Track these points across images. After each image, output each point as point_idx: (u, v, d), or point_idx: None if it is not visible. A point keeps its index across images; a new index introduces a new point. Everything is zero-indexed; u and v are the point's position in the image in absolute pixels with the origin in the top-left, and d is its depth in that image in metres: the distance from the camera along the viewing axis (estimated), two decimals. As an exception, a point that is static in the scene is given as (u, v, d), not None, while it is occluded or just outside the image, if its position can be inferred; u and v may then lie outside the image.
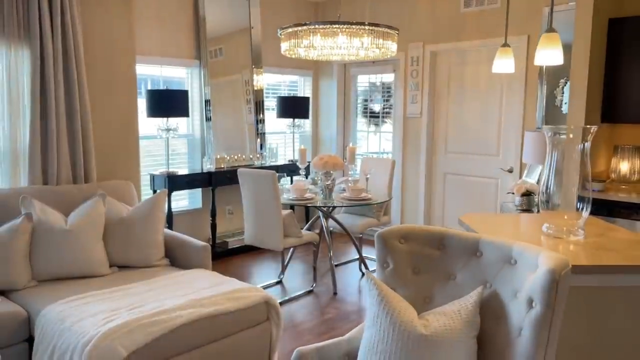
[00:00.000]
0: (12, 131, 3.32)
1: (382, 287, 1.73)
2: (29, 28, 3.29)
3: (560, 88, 4.07)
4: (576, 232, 2.29)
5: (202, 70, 4.96)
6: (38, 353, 2.39)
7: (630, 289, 1.90)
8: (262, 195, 3.80)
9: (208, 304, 2.58)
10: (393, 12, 5.29)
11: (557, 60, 2.17)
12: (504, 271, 1.73)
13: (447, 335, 1.60)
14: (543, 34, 2.16)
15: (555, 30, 2.14)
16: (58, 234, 2.95)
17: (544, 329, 1.52)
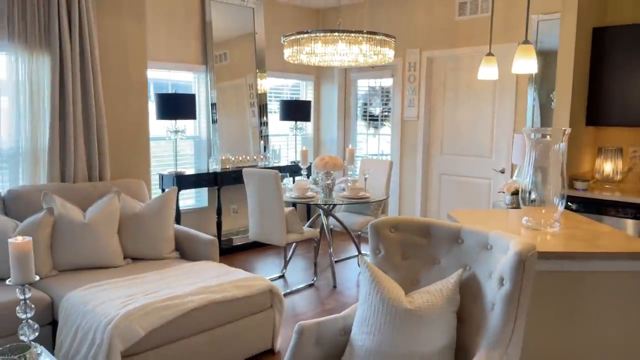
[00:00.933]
0: (32, 132, 3.56)
1: (373, 269, 1.96)
2: (49, 36, 3.53)
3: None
4: (553, 224, 2.51)
5: (209, 75, 5.20)
6: (62, 333, 2.62)
7: (593, 274, 2.11)
8: (266, 194, 4.03)
9: (217, 290, 2.80)
10: (392, 20, 5.53)
11: (532, 69, 2.40)
12: (481, 255, 1.95)
13: (429, 310, 1.82)
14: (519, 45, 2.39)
15: (530, 42, 2.36)
16: (77, 228, 3.18)
17: (513, 304, 1.74)
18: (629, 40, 3.74)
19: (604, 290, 2.12)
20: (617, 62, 3.80)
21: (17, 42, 3.40)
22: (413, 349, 1.78)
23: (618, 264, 2.08)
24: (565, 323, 2.14)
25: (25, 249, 1.77)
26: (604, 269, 2.09)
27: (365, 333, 1.87)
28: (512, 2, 4.58)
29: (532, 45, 2.38)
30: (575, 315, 2.14)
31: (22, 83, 3.48)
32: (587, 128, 4.02)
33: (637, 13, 3.92)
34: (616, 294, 2.12)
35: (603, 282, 2.11)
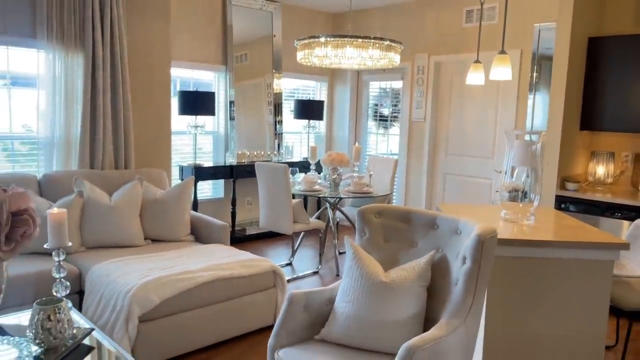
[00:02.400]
0: (66, 124, 3.94)
1: (356, 248, 2.25)
2: (83, 37, 3.90)
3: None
4: (528, 217, 2.77)
5: (228, 74, 5.54)
6: (88, 300, 2.98)
7: (554, 260, 2.36)
8: (276, 186, 4.34)
9: (225, 268, 3.13)
10: (401, 25, 5.79)
11: (506, 77, 2.65)
12: (452, 239, 2.23)
13: (402, 283, 2.11)
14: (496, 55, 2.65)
15: (505, 53, 2.62)
16: (103, 209, 3.55)
17: (472, 279, 2.01)
18: (623, 50, 3.94)
19: (562, 274, 2.37)
20: (611, 71, 4.01)
21: (55, 42, 3.78)
22: (386, 316, 2.07)
23: (573, 252, 2.33)
24: (530, 303, 2.40)
25: (61, 218, 2.11)
26: (562, 256, 2.34)
27: (346, 302, 2.16)
28: (514, 11, 4.80)
29: (507, 55, 2.64)
30: (538, 296, 2.40)
31: (58, 79, 3.86)
32: (581, 132, 4.22)
33: (631, 24, 4.11)
34: (572, 279, 2.37)
35: (562, 268, 2.37)
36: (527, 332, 2.42)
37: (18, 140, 3.98)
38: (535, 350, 2.43)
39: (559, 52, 3.92)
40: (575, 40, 3.93)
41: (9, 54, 3.80)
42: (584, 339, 2.41)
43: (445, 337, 1.88)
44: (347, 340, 2.12)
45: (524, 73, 4.76)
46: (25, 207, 1.82)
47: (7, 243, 1.77)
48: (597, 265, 2.36)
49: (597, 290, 2.38)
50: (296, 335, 2.20)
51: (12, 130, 3.94)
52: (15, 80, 3.89)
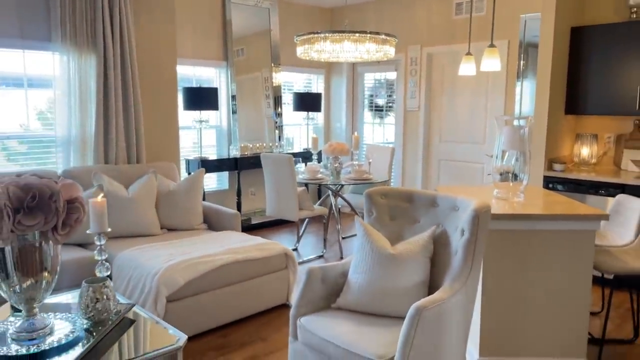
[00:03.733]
0: (81, 121, 4.15)
1: (365, 226, 2.51)
2: (95, 39, 4.11)
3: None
4: (518, 195, 3.04)
5: (229, 69, 5.76)
6: (116, 284, 3.22)
7: (541, 232, 2.64)
8: (281, 175, 4.59)
9: (240, 252, 3.38)
10: (395, 18, 6.03)
11: (496, 68, 2.91)
12: (451, 215, 2.49)
13: (408, 255, 2.37)
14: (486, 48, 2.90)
15: (494, 46, 2.88)
16: (122, 201, 3.78)
17: (470, 249, 2.28)
18: (604, 38, 4.21)
19: (549, 244, 2.65)
20: (593, 58, 4.28)
21: (69, 44, 3.99)
22: (395, 284, 2.34)
23: (557, 224, 2.60)
24: (522, 271, 2.68)
25: (102, 206, 2.34)
26: (548, 227, 2.62)
27: (358, 273, 2.43)
28: (501, 3, 5.06)
29: (496, 48, 2.90)
30: (529, 264, 2.68)
31: (73, 79, 4.07)
32: (566, 116, 4.50)
33: (611, 14, 4.38)
34: (558, 248, 2.65)
35: (548, 238, 2.64)
36: (520, 297, 2.70)
37: (36, 139, 4.19)
38: (527, 313, 2.71)
39: (543, 41, 4.18)
40: (558, 30, 4.19)
41: (25, 57, 4.00)
42: (571, 301, 2.69)
43: (448, 299, 2.15)
44: (361, 307, 2.39)
45: (512, 62, 5.03)
46: (76, 196, 2.06)
47: (62, 228, 2.01)
48: (580, 235, 2.64)
49: (581, 258, 2.66)
50: (315, 305, 2.47)
51: (30, 129, 4.15)
52: (31, 82, 4.09)
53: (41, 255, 1.94)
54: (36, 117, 4.19)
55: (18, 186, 1.83)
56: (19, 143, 4.14)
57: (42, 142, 4.21)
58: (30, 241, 1.90)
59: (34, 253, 1.93)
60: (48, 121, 4.22)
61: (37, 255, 1.93)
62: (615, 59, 4.15)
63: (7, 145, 4.05)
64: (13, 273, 1.90)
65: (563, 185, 4.25)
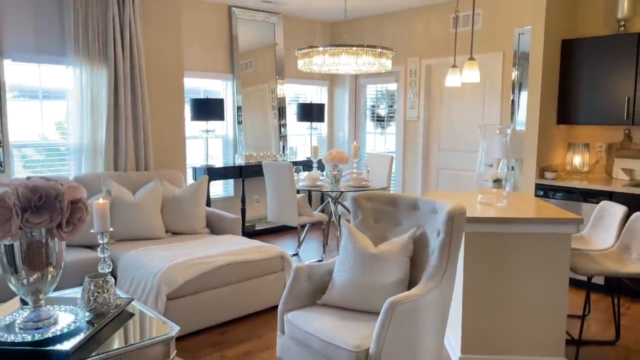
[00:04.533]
0: (93, 131, 4.38)
1: (350, 227, 2.67)
2: (106, 52, 4.36)
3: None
4: (501, 201, 3.18)
5: (235, 82, 5.99)
6: (121, 283, 3.42)
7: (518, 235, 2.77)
8: (282, 182, 4.77)
9: (239, 253, 3.56)
10: (395, 32, 6.22)
11: (475, 79, 3.07)
12: (430, 217, 2.64)
13: (388, 254, 2.53)
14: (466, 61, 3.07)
15: (474, 59, 3.04)
16: (129, 206, 3.99)
17: (445, 248, 2.43)
18: (594, 50, 4.34)
19: (527, 247, 2.78)
20: (583, 70, 4.41)
21: (81, 57, 4.24)
22: (375, 281, 2.49)
23: (534, 227, 2.74)
24: (501, 272, 2.82)
25: (105, 207, 2.54)
26: (526, 230, 2.76)
27: (342, 271, 2.58)
28: (495, 17, 5.22)
29: (476, 61, 3.06)
30: (508, 266, 2.81)
31: (85, 91, 4.31)
32: (558, 126, 4.62)
33: (600, 27, 4.52)
34: (535, 250, 2.78)
35: (526, 241, 2.78)
36: (500, 297, 2.83)
37: (50, 147, 4.43)
38: (508, 312, 2.84)
39: (534, 54, 4.33)
40: (549, 43, 4.33)
41: (40, 70, 4.26)
42: (549, 302, 2.81)
43: (422, 295, 2.29)
44: (344, 303, 2.54)
45: (507, 73, 5.18)
46: (79, 197, 2.26)
47: (66, 226, 2.21)
48: (557, 238, 2.77)
49: (558, 260, 2.79)
50: (301, 301, 2.63)
51: (45, 138, 4.40)
52: (46, 94, 4.34)
53: (47, 251, 2.14)
54: (51, 127, 4.44)
55: (27, 187, 2.03)
56: (36, 152, 4.39)
57: (57, 151, 4.45)
58: (37, 238, 2.10)
59: (40, 249, 2.12)
60: (62, 130, 4.46)
61: (43, 251, 2.13)
62: (605, 70, 4.28)
63: (24, 153, 4.30)
64: (21, 267, 2.09)
65: (554, 193, 4.37)
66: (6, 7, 3.97)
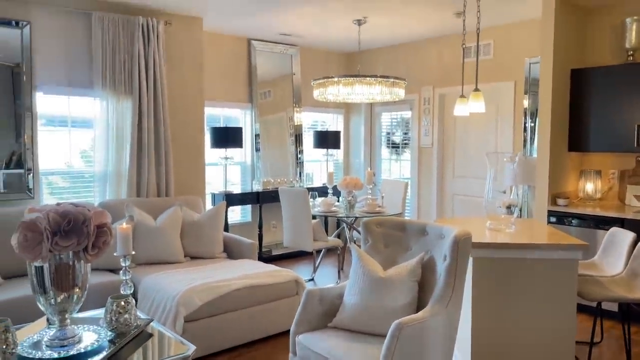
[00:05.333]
0: (117, 158, 4.60)
1: (359, 251, 2.77)
2: (131, 85, 4.60)
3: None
4: (510, 227, 3.25)
5: (253, 110, 6.20)
6: (141, 305, 3.55)
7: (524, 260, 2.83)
8: (297, 208, 4.90)
9: (254, 277, 3.67)
10: (408, 61, 6.39)
11: (481, 110, 3.18)
12: (438, 243, 2.73)
13: (396, 278, 2.62)
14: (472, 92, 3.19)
15: (479, 90, 3.16)
16: (150, 231, 4.15)
17: (452, 273, 2.51)
18: (603, 79, 4.42)
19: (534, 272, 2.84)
20: (593, 98, 4.48)
21: (108, 90, 4.48)
22: (384, 305, 2.58)
23: (540, 253, 2.80)
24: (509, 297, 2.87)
25: (128, 231, 2.70)
26: (532, 256, 2.82)
27: (352, 295, 2.68)
28: (506, 47, 5.35)
29: (480, 92, 3.18)
30: (516, 291, 2.86)
31: (111, 121, 4.54)
32: (569, 153, 4.68)
33: (609, 56, 4.60)
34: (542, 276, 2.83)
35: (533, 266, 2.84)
36: (509, 322, 2.88)
37: (76, 174, 4.65)
38: (516, 337, 2.88)
39: (543, 83, 4.43)
40: (558, 72, 4.43)
41: (70, 101, 4.51)
42: (557, 328, 2.85)
43: (429, 318, 2.37)
44: (354, 326, 2.63)
45: (519, 101, 5.27)
46: (105, 222, 2.42)
47: (92, 249, 2.36)
48: (563, 264, 2.82)
49: (565, 285, 2.83)
50: (313, 324, 2.72)
51: (70, 166, 4.62)
52: (75, 123, 4.58)
53: (74, 273, 2.28)
54: (77, 155, 4.67)
55: (57, 213, 2.20)
56: (61, 179, 4.61)
57: (82, 177, 4.67)
58: (64, 260, 2.25)
59: (67, 271, 2.27)
60: (88, 158, 4.69)
61: (70, 272, 2.27)
62: (614, 99, 4.34)
63: (50, 180, 4.52)
64: (50, 288, 2.24)
65: (568, 220, 4.39)
66: (40, 45, 4.25)
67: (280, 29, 5.69)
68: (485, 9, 4.71)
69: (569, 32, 4.52)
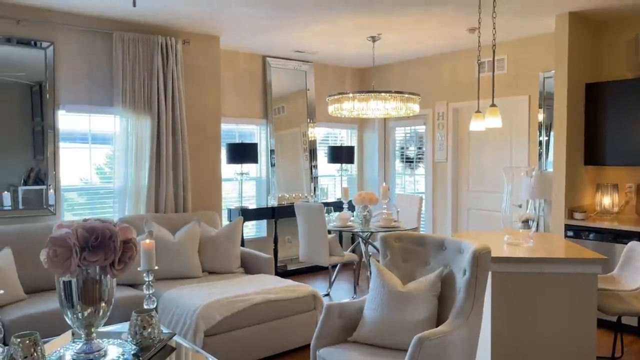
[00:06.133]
0: (136, 175, 4.67)
1: (379, 266, 2.80)
2: (150, 104, 4.69)
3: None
4: (528, 241, 3.25)
5: (268, 126, 6.28)
6: (162, 319, 3.59)
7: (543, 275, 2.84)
8: (313, 223, 4.94)
9: (272, 292, 3.70)
10: (421, 77, 6.45)
11: (497, 125, 3.22)
12: (457, 257, 2.75)
13: (416, 292, 2.63)
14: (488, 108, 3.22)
15: (495, 105, 3.19)
16: (169, 246, 4.21)
17: (471, 287, 2.52)
18: (618, 93, 4.43)
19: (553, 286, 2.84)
20: (608, 112, 4.49)
21: (128, 108, 4.58)
22: (403, 319, 2.59)
23: (559, 267, 2.80)
24: (528, 312, 2.87)
25: (151, 247, 2.75)
26: (551, 270, 2.82)
27: (372, 309, 2.70)
28: (520, 61, 5.38)
29: (497, 107, 3.21)
30: (535, 305, 2.86)
31: (130, 138, 4.63)
32: (586, 167, 4.68)
33: (623, 70, 4.62)
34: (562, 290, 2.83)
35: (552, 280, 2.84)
36: (528, 336, 2.87)
37: (92, 190, 4.74)
38: (536, 352, 2.87)
39: (558, 97, 4.45)
40: (573, 86, 4.46)
41: (90, 119, 4.62)
42: (577, 342, 2.84)
43: (450, 332, 2.38)
44: (374, 340, 2.64)
45: (533, 115, 5.29)
46: (130, 237, 2.47)
47: (119, 264, 2.41)
48: (582, 278, 2.82)
49: (585, 300, 2.83)
50: (333, 338, 2.74)
51: (87, 182, 4.71)
52: (95, 140, 4.68)
53: (100, 288, 2.33)
54: (96, 171, 4.76)
55: (85, 229, 2.25)
56: (78, 195, 4.69)
57: (100, 194, 4.75)
58: (91, 275, 2.30)
59: (94, 285, 2.32)
60: (106, 174, 4.77)
61: (97, 287, 2.33)
62: (629, 112, 4.35)
63: (67, 197, 4.59)
64: (77, 302, 2.29)
65: (586, 234, 4.38)
66: (63, 64, 4.37)
67: (294, 46, 5.79)
68: (498, 23, 4.76)
69: (583, 46, 4.55)
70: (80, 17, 4.43)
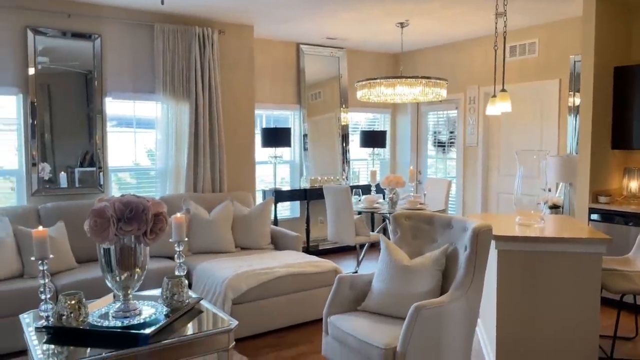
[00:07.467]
0: (176, 156, 5.03)
1: (387, 242, 3.00)
2: (188, 90, 5.02)
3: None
4: (539, 222, 3.35)
5: (302, 111, 6.51)
6: (195, 288, 3.93)
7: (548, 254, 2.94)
8: (340, 204, 5.16)
9: (296, 266, 3.97)
10: (454, 61, 6.48)
11: (507, 109, 3.31)
12: (462, 235, 2.91)
13: (420, 267, 2.82)
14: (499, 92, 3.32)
15: (506, 90, 3.29)
16: (205, 223, 4.55)
17: (471, 262, 2.69)
18: (648, 75, 4.38)
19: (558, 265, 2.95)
20: (638, 96, 4.44)
21: (168, 95, 4.93)
22: (408, 291, 2.79)
23: (563, 246, 2.91)
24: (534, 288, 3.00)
25: (181, 220, 3.06)
26: (557, 249, 2.93)
27: (380, 281, 2.91)
28: (552, 45, 5.35)
29: (507, 92, 3.30)
30: (540, 283, 2.99)
31: (170, 123, 4.99)
32: (613, 151, 4.65)
33: (657, 52, 4.55)
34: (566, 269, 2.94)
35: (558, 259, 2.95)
36: (533, 313, 3.00)
37: (141, 171, 5.14)
38: (540, 328, 3.00)
39: (585, 81, 4.45)
40: (600, 70, 4.43)
41: (135, 105, 5.00)
42: (581, 320, 2.95)
43: (447, 303, 2.57)
44: (381, 309, 2.86)
45: (564, 99, 5.27)
46: (161, 211, 2.78)
47: (150, 234, 2.73)
48: (587, 257, 2.92)
49: (589, 279, 2.92)
50: (344, 307, 2.98)
51: (137, 164, 5.11)
52: (139, 124, 5.07)
53: (135, 255, 2.65)
54: (142, 154, 5.16)
55: (121, 202, 2.57)
56: (129, 175, 5.11)
57: (146, 174, 5.15)
58: (127, 244, 2.62)
59: (130, 252, 2.64)
60: (152, 157, 5.16)
61: (132, 254, 2.64)
62: (659, 95, 4.30)
63: (119, 177, 5.02)
64: (115, 267, 2.62)
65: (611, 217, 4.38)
66: (109, 56, 4.75)
67: (326, 33, 5.97)
68: (526, 7, 4.77)
69: (611, 29, 4.51)
70: (125, 10, 4.79)
